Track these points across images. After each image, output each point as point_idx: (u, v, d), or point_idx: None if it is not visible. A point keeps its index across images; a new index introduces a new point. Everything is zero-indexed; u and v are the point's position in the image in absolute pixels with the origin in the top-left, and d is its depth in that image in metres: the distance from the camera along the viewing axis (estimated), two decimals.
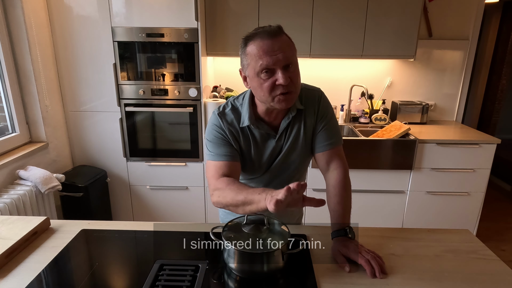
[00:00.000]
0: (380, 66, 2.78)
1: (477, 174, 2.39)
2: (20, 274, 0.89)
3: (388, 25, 2.39)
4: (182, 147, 2.44)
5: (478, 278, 0.89)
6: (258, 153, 1.08)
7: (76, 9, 2.17)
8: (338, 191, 1.05)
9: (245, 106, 1.04)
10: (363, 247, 0.94)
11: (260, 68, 0.90)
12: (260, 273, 0.86)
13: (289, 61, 0.91)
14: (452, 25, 2.68)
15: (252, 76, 0.94)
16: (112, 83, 2.29)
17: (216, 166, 1.01)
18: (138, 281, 0.85)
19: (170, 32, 2.19)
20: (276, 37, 0.90)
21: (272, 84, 0.91)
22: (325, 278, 0.88)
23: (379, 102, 2.81)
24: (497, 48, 3.61)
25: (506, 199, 3.48)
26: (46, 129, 2.21)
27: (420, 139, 2.31)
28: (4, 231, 1.03)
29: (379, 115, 2.69)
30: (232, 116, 1.05)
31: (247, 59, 0.94)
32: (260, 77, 0.92)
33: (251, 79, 0.96)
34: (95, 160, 2.47)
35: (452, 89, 2.82)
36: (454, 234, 1.09)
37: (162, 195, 2.53)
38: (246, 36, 0.94)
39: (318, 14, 2.37)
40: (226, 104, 1.09)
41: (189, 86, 2.29)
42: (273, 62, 0.89)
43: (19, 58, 2.07)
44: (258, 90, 0.95)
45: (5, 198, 1.77)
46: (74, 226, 1.12)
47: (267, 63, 0.89)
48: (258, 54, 0.90)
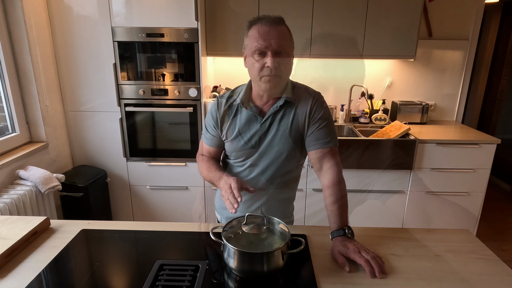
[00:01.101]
0: (380, 66, 2.78)
1: (477, 174, 2.39)
2: (20, 274, 0.89)
3: (388, 25, 2.39)
4: (182, 147, 2.44)
5: (478, 278, 0.88)
6: (243, 131, 1.13)
7: (76, 9, 2.17)
8: (332, 191, 1.06)
9: (243, 88, 1.15)
10: (362, 247, 0.94)
11: (254, 49, 1.01)
12: (260, 273, 0.86)
13: (280, 49, 1.01)
14: (452, 25, 2.68)
15: (248, 55, 1.06)
16: (112, 83, 2.29)
17: (202, 145, 1.25)
18: (138, 281, 0.85)
19: (170, 32, 2.19)
20: (274, 25, 1.01)
21: (262, 65, 1.02)
22: (325, 278, 0.88)
23: (379, 102, 2.81)
24: (497, 48, 3.61)
25: (506, 199, 3.48)
26: (46, 129, 2.21)
27: (420, 139, 2.31)
28: (4, 231, 1.03)
29: (379, 115, 2.69)
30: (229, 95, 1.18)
31: (247, 40, 1.06)
32: (254, 57, 1.03)
33: (248, 58, 1.07)
34: (95, 160, 2.47)
35: (452, 89, 2.82)
36: (454, 234, 1.09)
37: (162, 195, 2.53)
38: (250, 20, 1.06)
39: (318, 14, 2.37)
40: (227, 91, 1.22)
41: (189, 86, 2.29)
42: (265, 46, 1.00)
43: (19, 58, 2.07)
44: (250, 69, 1.07)
45: (5, 198, 1.77)
46: (74, 226, 1.12)
47: (260, 46, 1.00)
48: (255, 36, 1.01)
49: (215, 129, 1.18)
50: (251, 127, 1.13)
